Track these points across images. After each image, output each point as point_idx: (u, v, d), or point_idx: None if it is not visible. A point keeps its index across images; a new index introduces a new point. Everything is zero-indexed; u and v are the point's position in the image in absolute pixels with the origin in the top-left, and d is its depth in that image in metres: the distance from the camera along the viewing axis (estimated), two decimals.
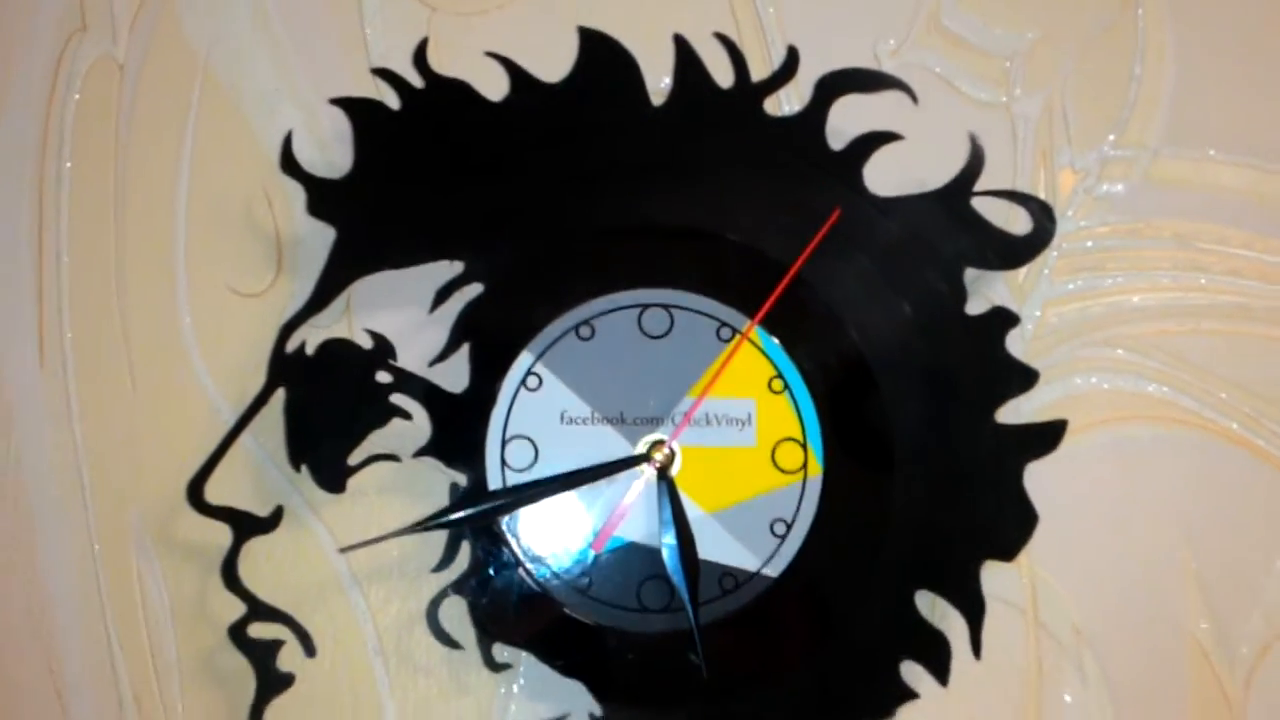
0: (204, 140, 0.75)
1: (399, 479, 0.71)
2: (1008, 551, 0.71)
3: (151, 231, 0.75)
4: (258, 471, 0.71)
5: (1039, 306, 0.76)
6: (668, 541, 0.67)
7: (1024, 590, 0.73)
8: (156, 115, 0.76)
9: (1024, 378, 0.72)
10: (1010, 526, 0.71)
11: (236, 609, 0.69)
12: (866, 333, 0.72)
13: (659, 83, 0.72)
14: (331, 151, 0.73)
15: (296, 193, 0.71)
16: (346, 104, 0.71)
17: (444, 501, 0.69)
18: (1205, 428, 0.74)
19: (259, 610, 0.69)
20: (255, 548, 0.70)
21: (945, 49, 0.77)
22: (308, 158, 0.72)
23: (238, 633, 0.69)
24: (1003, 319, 0.72)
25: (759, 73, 0.72)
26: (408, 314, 0.72)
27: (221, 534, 0.69)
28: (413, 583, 0.71)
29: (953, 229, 0.72)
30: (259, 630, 0.69)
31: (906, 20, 0.76)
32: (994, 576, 0.71)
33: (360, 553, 0.70)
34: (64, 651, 0.72)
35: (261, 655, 0.69)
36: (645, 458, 0.69)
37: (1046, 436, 0.71)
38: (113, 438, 0.73)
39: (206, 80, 0.76)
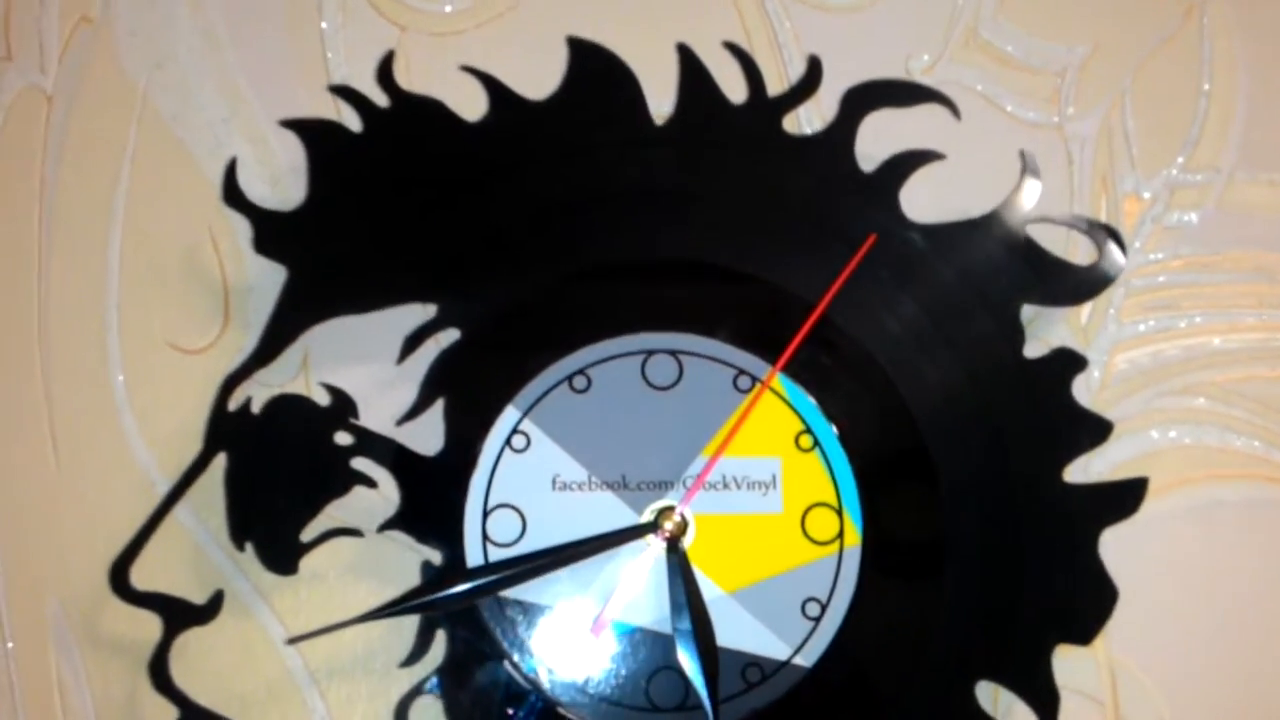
0: (142, 177, 0.71)
1: (362, 558, 0.65)
2: (1083, 634, 0.65)
3: (80, 279, 0.70)
4: (195, 552, 0.65)
5: (1106, 351, 0.71)
6: (681, 627, 0.60)
7: (1102, 680, 0.67)
8: (88, 150, 0.71)
9: (1095, 430, 0.66)
10: (1085, 604, 0.65)
11: (169, 714, 0.63)
12: (908, 380, 0.67)
13: (660, 105, 0.68)
14: (285, 188, 0.69)
15: (247, 235, 0.67)
16: (299, 126, 0.67)
17: (415, 584, 0.63)
18: None
19: (195, 715, 0.62)
20: (192, 641, 0.64)
21: (987, 65, 0.73)
22: (259, 194, 0.68)
23: None
24: (1067, 362, 0.67)
25: (775, 91, 0.69)
26: (371, 366, 0.66)
27: (154, 628, 0.63)
28: (380, 681, 0.64)
29: (1005, 260, 0.67)
30: None
31: (942, 33, 0.72)
32: (1066, 665, 0.65)
33: (317, 646, 0.63)
34: None
35: None
36: (653, 527, 0.63)
37: (1125, 497, 0.66)
38: (30, 516, 0.67)
39: (145, 111, 0.71)
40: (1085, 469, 0.67)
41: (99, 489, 0.67)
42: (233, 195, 0.66)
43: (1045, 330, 0.69)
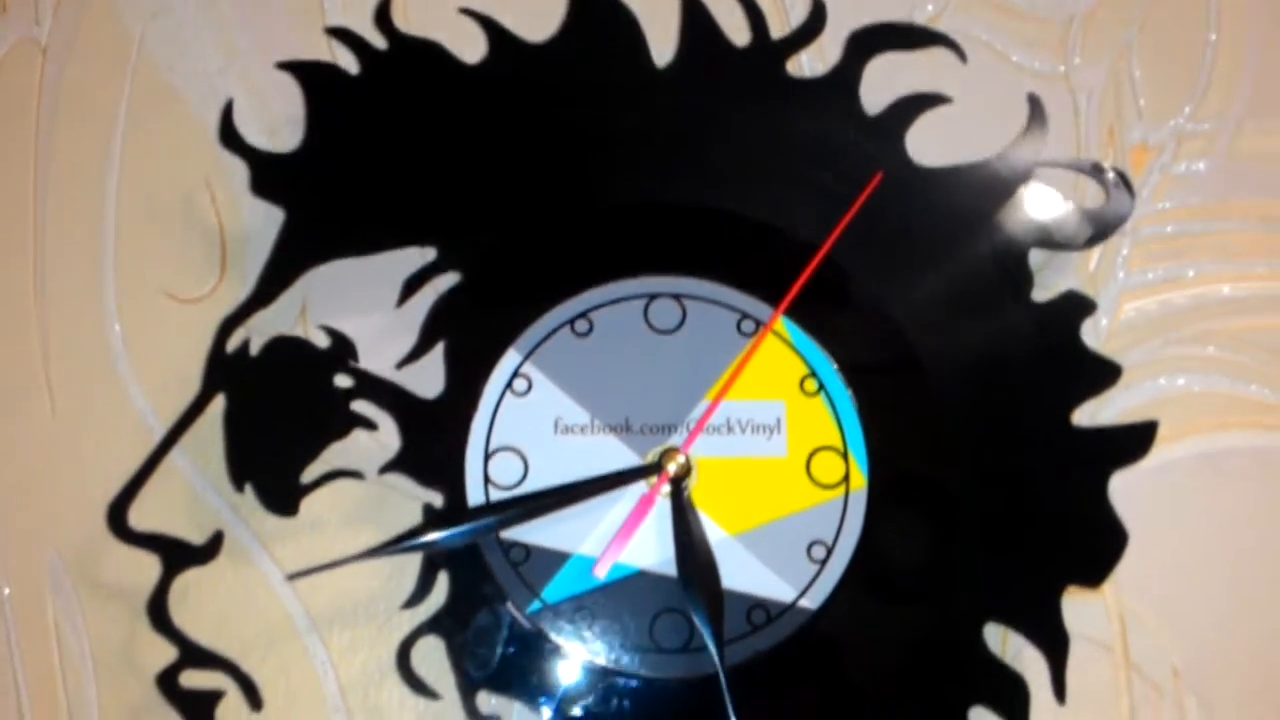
0: (137, 127, 0.72)
1: (363, 502, 0.66)
2: (1093, 577, 0.65)
3: (76, 229, 0.71)
4: (193, 500, 0.66)
5: (1114, 300, 0.71)
6: (684, 569, 0.61)
7: (1112, 627, 0.68)
8: (84, 101, 0.72)
9: (1104, 373, 0.67)
10: (1095, 547, 0.65)
11: (167, 656, 0.63)
12: (915, 322, 0.67)
13: (663, 49, 0.69)
14: (283, 139, 0.70)
15: (244, 186, 0.68)
16: (296, 68, 0.68)
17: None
18: None
19: (193, 655, 0.63)
20: (191, 587, 0.65)
21: (992, 14, 0.74)
22: (255, 144, 0.69)
23: (168, 681, 0.63)
24: (1076, 305, 0.68)
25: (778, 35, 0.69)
26: (371, 309, 0.67)
27: (152, 572, 0.64)
28: (382, 627, 0.65)
29: (1013, 204, 0.69)
30: (194, 679, 0.63)
31: None
32: (1075, 611, 0.65)
33: (319, 592, 0.65)
34: None
35: (196, 708, 0.63)
36: (656, 468, 0.63)
37: (1134, 440, 0.66)
38: (27, 464, 0.68)
39: (141, 61, 0.73)
40: (1094, 417, 0.68)
41: (96, 437, 0.68)
42: (230, 137, 0.67)
43: (1053, 280, 0.69)
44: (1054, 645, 0.64)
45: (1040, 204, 0.69)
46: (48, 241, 0.71)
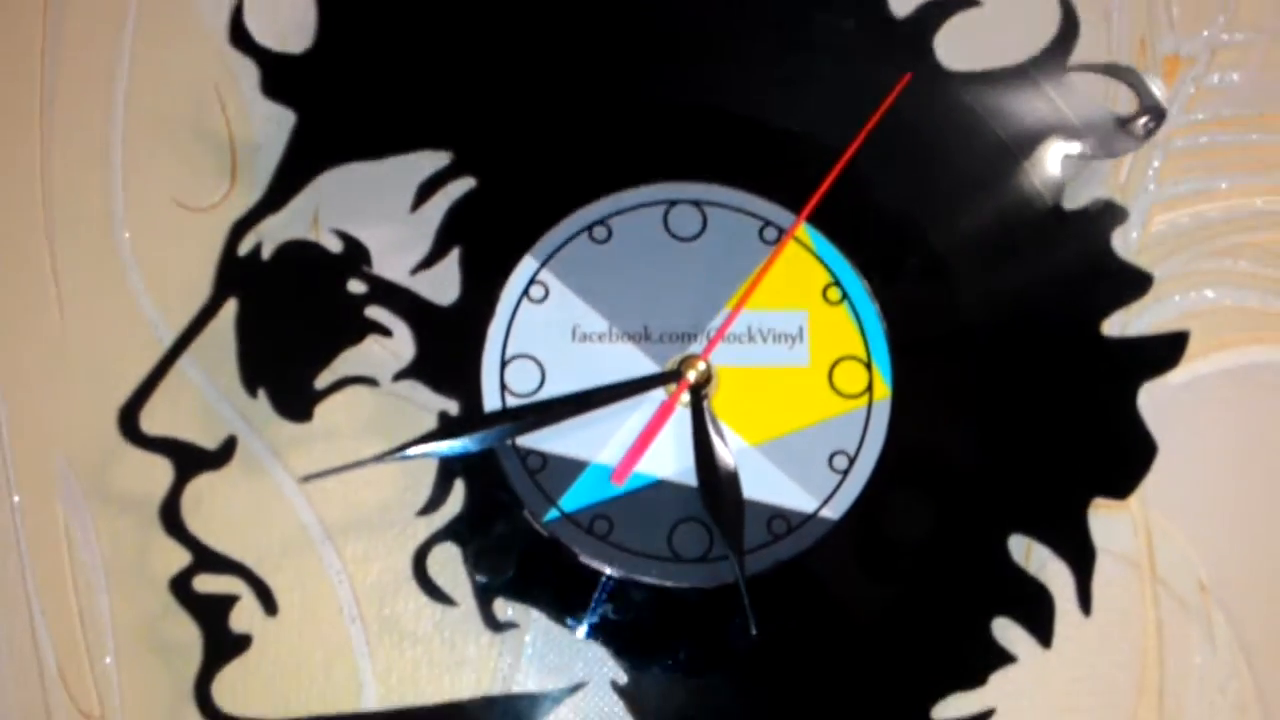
0: (146, 31, 0.70)
1: (377, 413, 0.65)
2: (1121, 488, 0.64)
3: (84, 136, 0.69)
4: (206, 409, 0.65)
5: (1145, 212, 0.70)
6: (704, 478, 0.60)
7: (1139, 542, 0.66)
8: (92, 8, 0.71)
9: (1134, 282, 0.66)
10: (1123, 458, 0.64)
11: (180, 563, 0.63)
12: (941, 231, 0.66)
13: None
14: (293, 42, 0.69)
15: (254, 93, 0.67)
16: None
17: None
18: None
19: (207, 559, 0.62)
20: (205, 497, 0.64)
21: None
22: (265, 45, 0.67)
23: (181, 586, 0.62)
24: (1107, 214, 0.66)
25: None
26: (385, 214, 0.66)
27: (164, 480, 0.64)
28: (397, 538, 0.64)
29: (1043, 109, 0.67)
30: (207, 584, 0.62)
31: None
32: (1103, 526, 0.65)
33: (332, 502, 0.64)
34: None
35: (210, 613, 0.62)
36: (675, 375, 0.62)
37: (1164, 350, 0.65)
38: (36, 373, 0.67)
39: None
40: (1124, 330, 0.67)
41: (106, 345, 0.67)
42: (240, 38, 0.66)
43: (1083, 191, 0.68)
44: (1080, 557, 0.63)
45: (1071, 111, 0.67)
46: (55, 149, 0.70)
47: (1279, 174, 0.71)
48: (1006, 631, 0.63)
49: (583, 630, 0.61)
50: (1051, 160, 0.66)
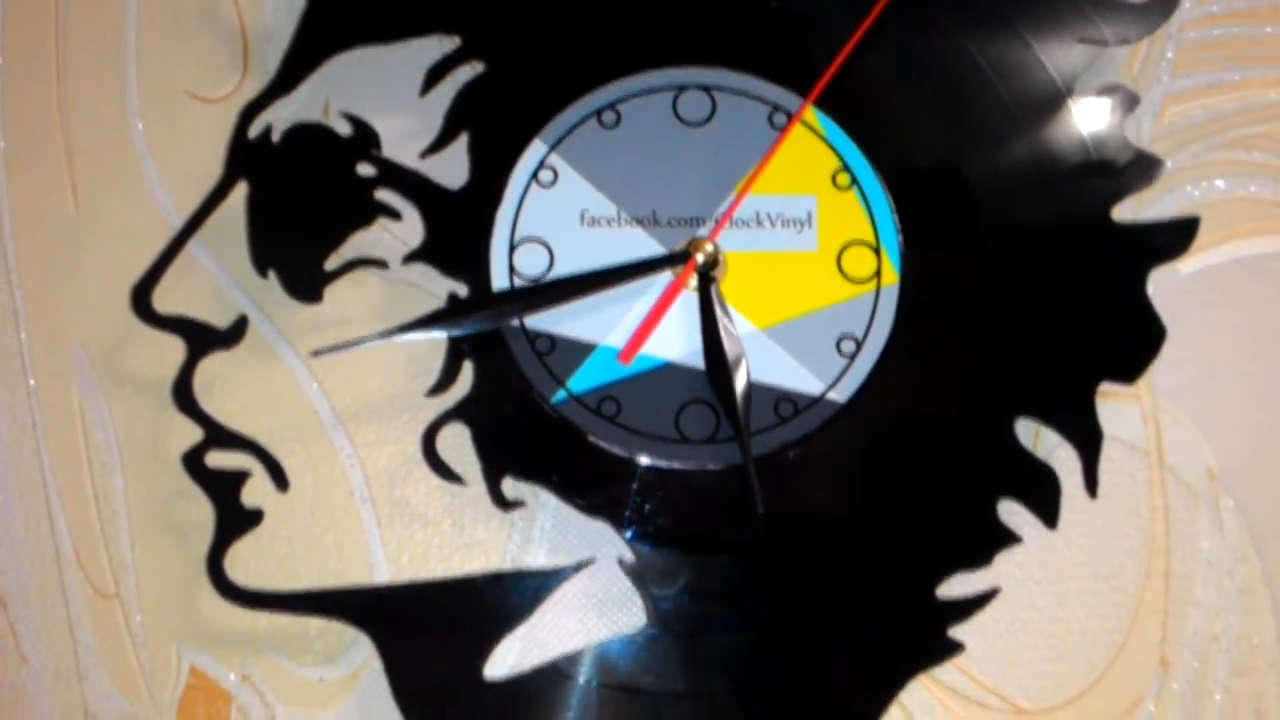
0: None
1: (387, 299, 0.64)
2: (1129, 372, 0.63)
3: (99, 27, 0.68)
4: (218, 293, 0.65)
5: (1158, 103, 0.68)
6: (712, 360, 0.59)
7: (1148, 429, 0.65)
8: None
9: (1145, 167, 0.64)
10: (1131, 342, 0.63)
11: (193, 441, 0.62)
12: (950, 115, 0.64)
13: None
14: None
15: None
16: None
17: None
18: None
19: (219, 436, 0.61)
20: (217, 379, 0.64)
21: None
22: None
23: (193, 461, 0.61)
24: (1118, 98, 0.65)
25: None
26: (394, 99, 0.65)
27: (176, 361, 0.63)
28: (408, 424, 0.63)
29: None
30: (219, 460, 0.62)
31: None
32: (1111, 413, 0.64)
33: (344, 388, 0.64)
34: None
35: (222, 488, 0.61)
36: (683, 257, 0.61)
37: (1175, 235, 0.64)
38: (51, 259, 0.67)
39: None
40: (1135, 219, 0.66)
41: (119, 232, 0.66)
42: None
43: (1097, 81, 0.66)
44: (1087, 440, 0.62)
45: None
46: (70, 44, 0.69)
47: None
48: (1013, 516, 0.62)
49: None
50: (1065, 47, 0.64)
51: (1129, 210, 0.65)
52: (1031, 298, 0.62)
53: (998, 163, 0.62)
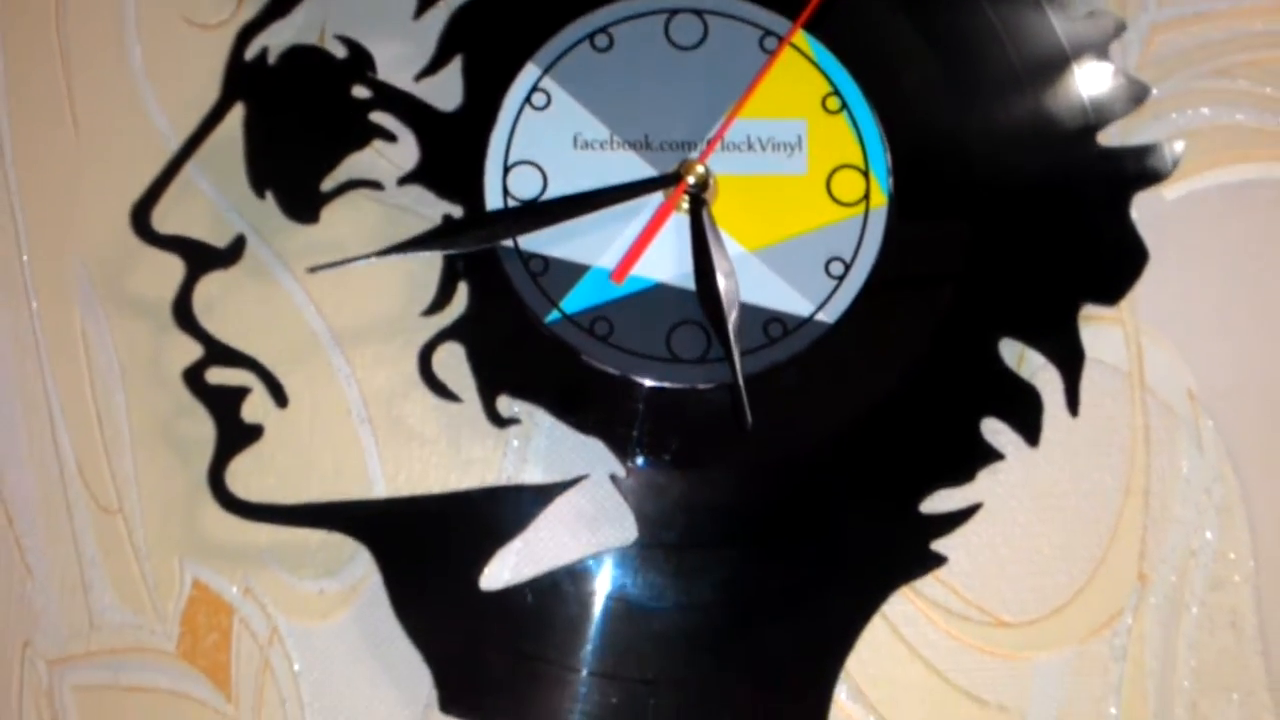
0: None
1: (383, 223, 0.64)
2: (1111, 293, 0.63)
3: None
4: (216, 217, 0.65)
5: (1145, 31, 0.68)
6: (702, 281, 0.59)
7: (1129, 351, 0.66)
8: None
9: (1132, 92, 0.64)
10: (1114, 264, 0.63)
11: (191, 357, 0.63)
12: (939, 39, 0.64)
13: None
14: None
15: None
16: None
17: None
18: None
19: (219, 353, 0.62)
20: (216, 300, 0.64)
21: None
22: None
23: (194, 377, 0.62)
24: (1104, 24, 0.65)
25: None
26: (389, 22, 0.65)
27: (176, 281, 0.64)
28: (404, 346, 0.64)
29: None
30: (219, 376, 0.63)
31: None
32: (1094, 335, 0.64)
33: (341, 310, 0.64)
34: None
35: (222, 402, 0.62)
36: (675, 179, 0.61)
37: (1158, 159, 0.64)
38: (52, 182, 0.67)
39: None
40: (1123, 143, 0.65)
41: (118, 155, 0.67)
42: None
43: (1084, 8, 0.66)
44: (1069, 359, 0.63)
45: None
46: None
47: None
48: (997, 435, 0.63)
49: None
50: None
51: (1115, 137, 0.65)
52: (1017, 220, 0.63)
53: (983, 87, 0.62)
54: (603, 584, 0.61)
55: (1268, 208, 0.67)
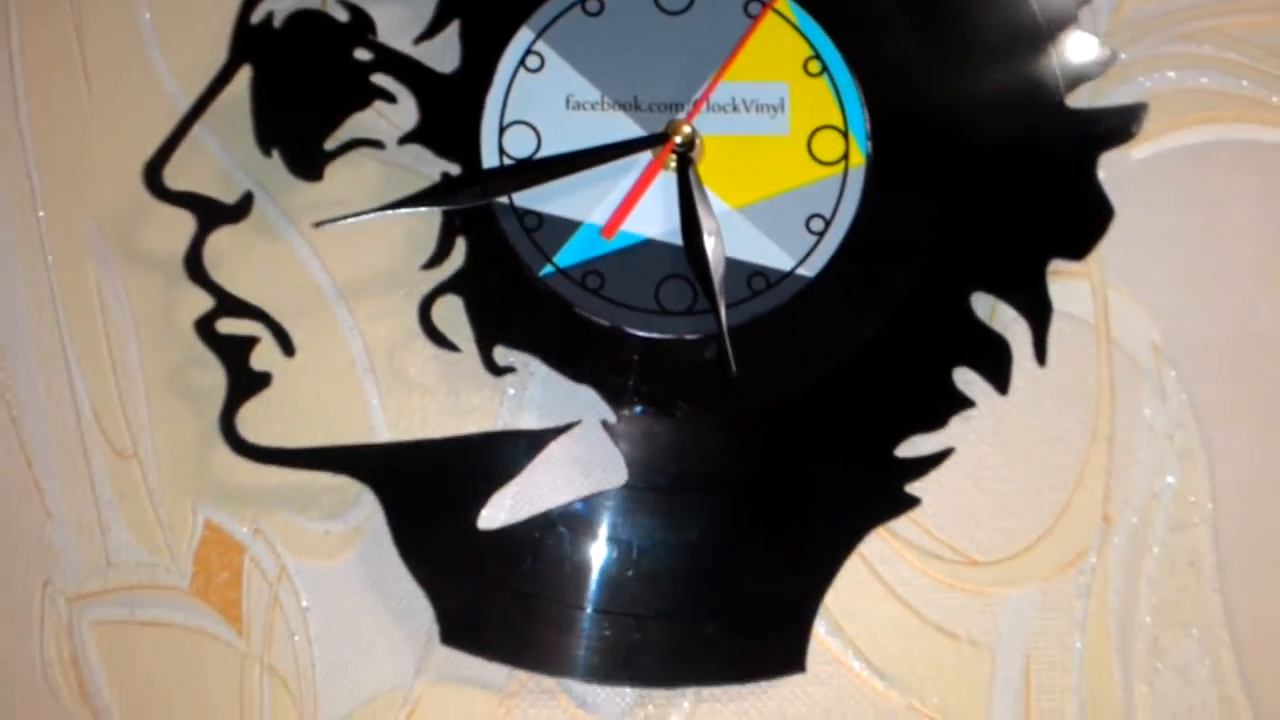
0: None
1: (384, 181, 0.66)
2: (1078, 249, 0.65)
3: None
4: (224, 176, 0.67)
5: None
6: (689, 237, 0.61)
7: (1096, 305, 0.68)
8: None
9: (1098, 59, 0.67)
10: (1081, 221, 0.65)
11: (203, 308, 0.65)
12: (918, 5, 0.66)
13: None
14: None
15: None
16: None
17: None
18: None
19: (229, 304, 0.64)
20: (225, 255, 0.66)
21: None
22: None
23: (205, 327, 0.64)
24: None
25: None
26: None
27: (186, 236, 0.66)
28: (405, 299, 0.66)
29: None
30: (229, 326, 0.65)
31: None
32: (1063, 290, 0.66)
33: (345, 266, 0.67)
34: (16, 368, 0.68)
35: (233, 351, 0.64)
36: (662, 138, 0.63)
37: (1125, 119, 0.66)
38: (66, 142, 0.69)
39: None
40: (1093, 105, 0.67)
41: (130, 117, 0.69)
42: None
43: None
44: (1038, 313, 0.65)
45: None
46: None
47: None
48: (969, 385, 0.65)
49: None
50: None
51: (1085, 98, 0.67)
52: (989, 179, 0.65)
53: (959, 50, 0.64)
54: (595, 525, 0.63)
55: (1230, 167, 0.69)
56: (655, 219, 0.63)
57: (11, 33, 0.69)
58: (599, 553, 0.63)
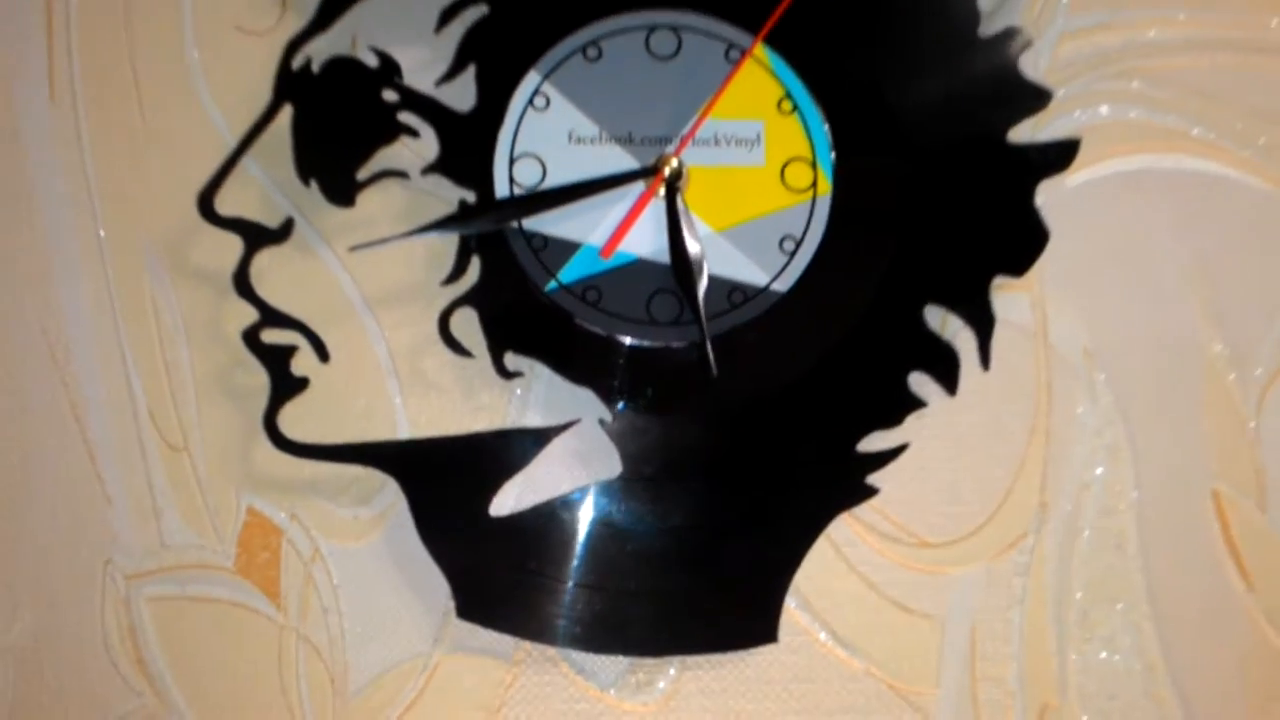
0: None
1: (408, 206, 0.71)
2: (1018, 267, 0.71)
3: None
4: (268, 199, 0.72)
5: (1054, 40, 0.74)
6: (676, 257, 0.67)
7: (1036, 316, 0.73)
8: None
9: (1037, 97, 0.71)
10: (1021, 243, 0.70)
11: (249, 318, 0.70)
12: (878, 53, 0.72)
13: None
14: None
15: None
16: None
17: None
18: (1219, 156, 0.74)
19: (271, 316, 0.69)
20: (266, 272, 0.71)
21: None
22: None
23: (251, 338, 0.69)
24: (1017, 39, 0.72)
25: None
26: (413, 35, 0.71)
27: (233, 255, 0.70)
28: (425, 309, 0.71)
29: None
30: (272, 336, 0.70)
31: None
32: (1007, 301, 0.71)
33: (371, 279, 0.71)
34: (79, 371, 0.73)
35: (275, 359, 0.70)
36: (652, 170, 0.68)
37: (1060, 154, 0.71)
38: (123, 167, 0.73)
39: None
40: (1030, 138, 0.72)
41: (181, 147, 0.73)
42: None
43: (1003, 21, 0.73)
44: (982, 322, 0.70)
45: None
46: None
47: (1170, 9, 0.75)
48: (922, 387, 0.71)
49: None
50: None
51: (1026, 132, 0.72)
52: (940, 205, 0.70)
53: (916, 92, 0.70)
54: (592, 511, 0.69)
55: (1154, 192, 0.73)
56: (647, 240, 0.69)
57: (75, 72, 0.74)
58: (595, 536, 0.69)
